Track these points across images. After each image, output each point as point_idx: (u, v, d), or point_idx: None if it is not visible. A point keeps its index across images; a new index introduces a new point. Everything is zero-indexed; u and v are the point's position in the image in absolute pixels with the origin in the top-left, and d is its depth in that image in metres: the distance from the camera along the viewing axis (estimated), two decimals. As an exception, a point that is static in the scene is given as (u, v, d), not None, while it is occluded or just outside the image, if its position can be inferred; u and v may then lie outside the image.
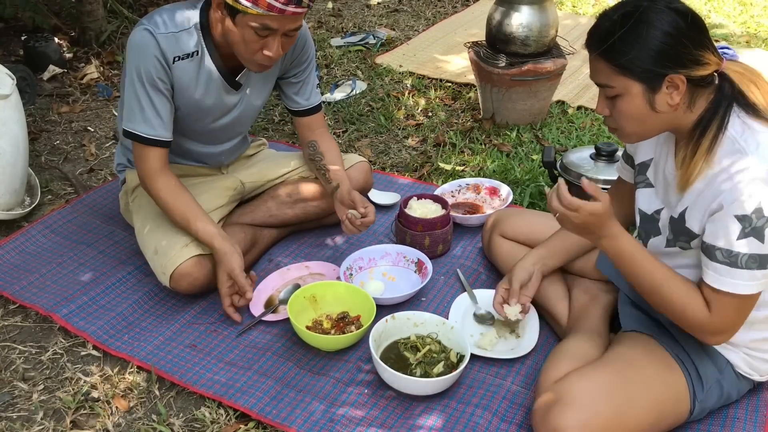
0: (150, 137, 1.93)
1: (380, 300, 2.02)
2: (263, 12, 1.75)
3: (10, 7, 3.57)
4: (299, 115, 2.26)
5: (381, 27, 4.33)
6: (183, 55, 1.92)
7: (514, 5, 2.92)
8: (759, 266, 1.42)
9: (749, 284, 1.43)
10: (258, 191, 2.35)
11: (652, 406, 1.54)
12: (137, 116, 1.92)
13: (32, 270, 2.20)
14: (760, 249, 1.40)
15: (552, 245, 1.93)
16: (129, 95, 1.92)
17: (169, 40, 1.89)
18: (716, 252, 1.44)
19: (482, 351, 1.89)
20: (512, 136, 3.05)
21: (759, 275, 1.43)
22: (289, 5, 1.75)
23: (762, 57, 3.84)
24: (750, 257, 1.41)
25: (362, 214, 2.04)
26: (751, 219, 1.38)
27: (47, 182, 2.72)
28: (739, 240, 1.40)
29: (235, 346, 1.95)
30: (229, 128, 2.18)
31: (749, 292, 1.44)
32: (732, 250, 1.41)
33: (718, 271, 1.44)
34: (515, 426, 1.70)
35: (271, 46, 1.84)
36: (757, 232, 1.39)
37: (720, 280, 1.45)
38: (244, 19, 1.79)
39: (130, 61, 1.90)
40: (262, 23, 1.78)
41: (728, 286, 1.44)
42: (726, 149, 1.44)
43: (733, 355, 1.62)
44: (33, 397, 1.82)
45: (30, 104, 3.23)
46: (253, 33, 1.81)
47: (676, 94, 1.44)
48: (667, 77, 1.41)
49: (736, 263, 1.42)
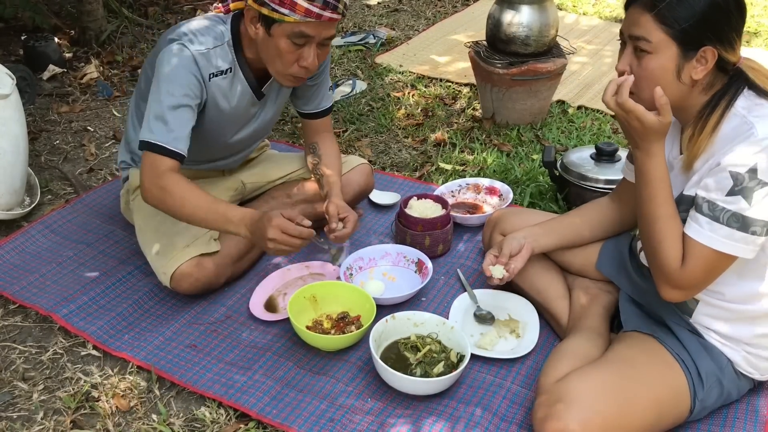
0: (170, 148, 1.85)
1: (380, 300, 2.02)
2: (300, 19, 1.76)
3: (10, 7, 3.57)
4: (307, 117, 2.26)
5: (381, 27, 4.33)
6: (217, 71, 1.93)
7: (514, 5, 2.92)
8: (740, 227, 1.42)
9: (725, 242, 1.44)
10: (259, 192, 2.35)
11: (652, 406, 1.54)
12: (161, 129, 1.84)
13: (32, 270, 2.20)
14: (744, 210, 1.41)
15: (548, 226, 1.93)
16: (155, 108, 1.85)
17: (205, 57, 1.88)
18: (703, 204, 1.45)
19: (482, 351, 1.89)
20: (512, 136, 3.05)
21: (738, 237, 1.43)
22: (326, 10, 1.77)
23: (762, 57, 3.85)
24: (733, 215, 1.42)
25: (332, 230, 2.01)
26: (744, 178, 1.40)
27: (47, 182, 2.72)
28: (727, 196, 1.42)
29: (235, 346, 1.95)
30: (246, 140, 2.19)
31: (723, 250, 1.45)
32: (717, 203, 1.43)
33: (699, 222, 1.46)
34: (515, 426, 1.70)
35: (307, 56, 1.84)
36: (746, 192, 1.40)
37: (699, 232, 1.46)
38: (281, 28, 1.79)
39: (164, 75, 1.85)
40: (299, 31, 1.79)
41: (705, 239, 1.45)
42: (731, 123, 1.46)
43: (733, 353, 1.62)
44: (33, 397, 1.82)
45: (30, 104, 3.23)
46: (289, 43, 1.81)
47: (702, 70, 1.46)
48: (702, 48, 1.43)
49: (718, 218, 1.43)
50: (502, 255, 1.86)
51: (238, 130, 2.12)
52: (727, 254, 1.46)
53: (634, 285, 1.80)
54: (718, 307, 1.60)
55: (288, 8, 1.75)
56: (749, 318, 1.57)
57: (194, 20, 1.96)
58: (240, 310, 2.07)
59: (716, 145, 1.48)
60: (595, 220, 1.92)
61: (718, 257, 1.47)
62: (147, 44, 3.95)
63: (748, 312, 1.57)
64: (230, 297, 2.12)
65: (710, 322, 1.62)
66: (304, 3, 1.75)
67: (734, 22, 1.45)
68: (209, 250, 2.04)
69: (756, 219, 1.41)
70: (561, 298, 1.95)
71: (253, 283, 2.17)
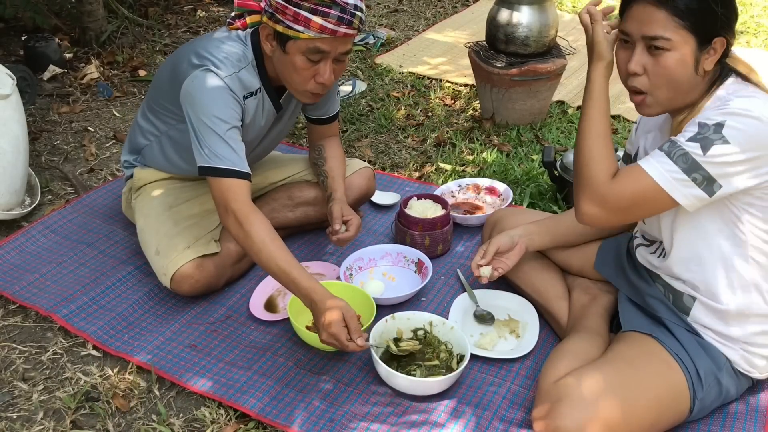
0: (242, 170, 1.82)
1: (380, 300, 2.02)
2: (315, 35, 1.75)
3: (11, 7, 3.57)
4: (315, 123, 2.26)
5: (381, 27, 4.33)
6: (248, 93, 1.92)
7: (514, 5, 2.92)
8: (685, 169, 1.43)
9: (661, 172, 1.44)
10: (260, 193, 2.35)
11: (652, 405, 1.54)
12: (228, 153, 1.81)
13: (32, 270, 2.21)
14: (697, 155, 1.41)
15: (545, 224, 1.94)
16: (209, 135, 1.82)
17: (235, 81, 1.87)
18: (664, 144, 1.47)
19: (482, 351, 1.89)
20: (512, 136, 3.05)
21: (679, 176, 1.43)
22: (341, 26, 1.76)
23: (762, 57, 3.84)
24: (684, 155, 1.42)
25: (334, 232, 2.01)
26: (709, 128, 1.41)
27: (47, 182, 2.72)
28: (687, 141, 1.43)
29: (235, 346, 1.95)
30: (261, 153, 2.21)
31: (658, 182, 1.44)
32: (676, 143, 1.44)
33: (653, 155, 1.47)
34: (515, 426, 1.70)
35: (323, 72, 1.83)
36: (705, 141, 1.41)
37: (646, 160, 1.48)
38: (296, 45, 1.79)
39: (204, 103, 1.82)
40: (314, 47, 1.78)
41: (648, 166, 1.46)
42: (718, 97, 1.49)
43: (731, 352, 1.62)
44: (33, 397, 1.82)
45: (30, 104, 3.23)
46: (305, 60, 1.80)
47: (712, 60, 1.47)
48: (715, 40, 1.45)
49: (669, 154, 1.44)
50: (487, 253, 1.87)
51: (257, 146, 2.12)
52: (660, 188, 1.45)
53: (631, 286, 1.81)
54: (712, 307, 1.60)
55: (303, 25, 1.74)
56: (743, 317, 1.58)
57: (213, 41, 1.92)
58: (240, 310, 2.07)
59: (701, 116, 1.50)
60: None
61: (651, 189, 1.46)
62: (147, 44, 3.95)
63: (740, 311, 1.57)
64: (230, 297, 2.12)
65: (707, 321, 1.62)
66: (318, 19, 1.73)
67: (735, 12, 1.48)
68: (210, 252, 2.04)
69: (702, 165, 1.42)
70: (561, 298, 1.95)
71: (253, 283, 2.17)
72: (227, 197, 1.81)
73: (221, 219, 1.86)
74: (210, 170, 1.82)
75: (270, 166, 2.38)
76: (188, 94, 1.86)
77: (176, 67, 1.94)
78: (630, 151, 1.79)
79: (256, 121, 2.00)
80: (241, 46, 1.92)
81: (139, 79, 3.59)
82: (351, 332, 1.67)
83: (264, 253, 1.76)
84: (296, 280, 1.73)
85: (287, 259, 1.75)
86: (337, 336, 1.65)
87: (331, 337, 1.67)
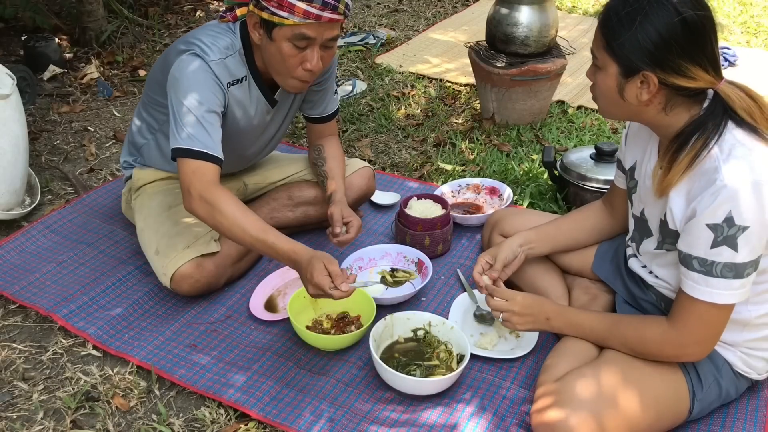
0: (213, 154, 1.82)
1: (380, 300, 2.02)
2: (299, 21, 1.75)
3: (11, 7, 3.57)
4: (313, 122, 2.26)
5: (381, 27, 4.33)
6: (234, 80, 1.92)
7: (514, 5, 2.92)
8: (735, 275, 1.42)
9: (725, 293, 1.43)
10: (260, 192, 2.35)
11: (651, 405, 1.54)
12: (201, 134, 1.81)
13: (32, 270, 2.21)
14: (734, 258, 1.40)
15: (544, 231, 1.94)
16: (186, 116, 1.81)
17: (221, 67, 1.88)
18: (692, 261, 1.44)
19: (482, 351, 1.89)
20: (512, 136, 3.05)
21: (736, 285, 1.43)
22: (326, 11, 1.75)
23: (762, 57, 3.84)
24: (725, 266, 1.41)
25: (335, 234, 2.01)
26: (723, 228, 1.38)
27: (47, 182, 2.72)
28: (712, 249, 1.41)
29: (235, 346, 1.95)
30: (260, 151, 2.21)
31: (725, 302, 1.44)
32: (707, 258, 1.42)
33: (695, 280, 1.45)
34: (515, 426, 1.70)
35: (310, 59, 1.83)
36: (729, 240, 1.39)
37: (697, 289, 1.45)
38: (281, 32, 1.79)
39: (185, 85, 1.83)
40: (299, 33, 1.78)
41: (705, 295, 1.45)
42: (707, 165, 1.42)
43: (730, 354, 1.62)
44: (33, 397, 1.82)
45: (30, 104, 3.23)
46: (291, 46, 1.80)
47: (647, 93, 1.46)
48: (642, 72, 1.43)
49: (711, 272, 1.42)
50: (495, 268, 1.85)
51: (254, 142, 2.12)
52: (729, 306, 1.46)
53: (627, 289, 1.81)
54: None
55: (287, 11, 1.75)
56: (740, 325, 1.58)
57: (202, 30, 1.94)
58: (240, 310, 2.07)
59: (693, 178, 1.45)
60: (589, 225, 1.93)
61: (718, 309, 1.46)
62: (147, 44, 3.95)
63: (737, 320, 1.57)
64: (230, 297, 2.12)
65: None
66: (302, 4, 1.74)
67: (685, 52, 1.40)
68: (209, 251, 2.04)
69: (747, 262, 1.41)
70: (560, 298, 1.95)
71: (253, 283, 2.17)
72: (191, 179, 1.79)
73: (185, 202, 1.83)
74: (180, 151, 1.81)
75: (270, 166, 2.38)
76: (172, 77, 1.87)
77: (166, 60, 1.96)
78: (622, 159, 1.79)
79: (247, 110, 1.99)
80: (230, 35, 1.93)
81: (139, 79, 3.59)
82: (334, 278, 1.67)
83: (236, 227, 1.76)
84: (274, 245, 1.74)
85: (261, 227, 1.76)
86: (321, 286, 1.66)
87: (315, 288, 1.68)
